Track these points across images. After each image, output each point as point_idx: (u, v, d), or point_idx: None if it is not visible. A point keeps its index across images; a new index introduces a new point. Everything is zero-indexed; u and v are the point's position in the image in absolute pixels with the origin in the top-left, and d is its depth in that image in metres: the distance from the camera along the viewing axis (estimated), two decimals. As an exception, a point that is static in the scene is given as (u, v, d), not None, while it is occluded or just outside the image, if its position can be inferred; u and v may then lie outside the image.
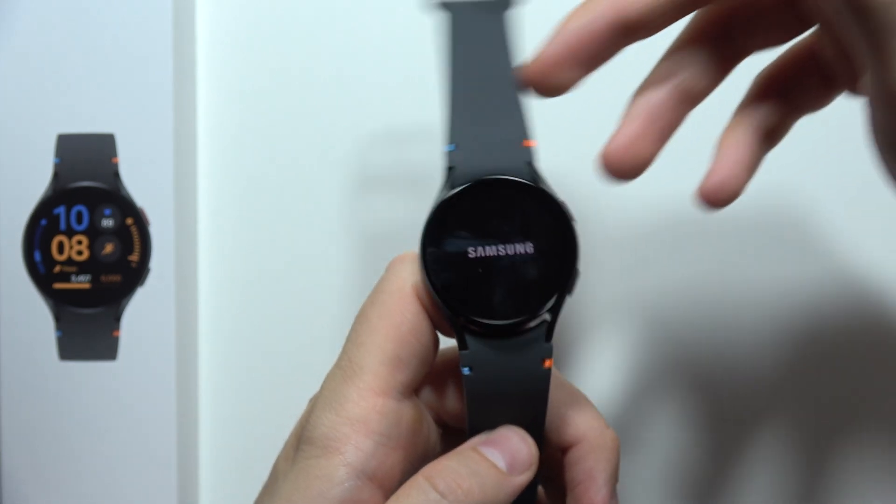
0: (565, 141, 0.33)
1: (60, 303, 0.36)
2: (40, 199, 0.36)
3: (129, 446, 0.36)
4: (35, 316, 0.36)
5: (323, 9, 0.37)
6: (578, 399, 0.25)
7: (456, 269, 0.23)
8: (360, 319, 0.23)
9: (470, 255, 0.23)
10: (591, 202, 0.36)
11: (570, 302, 0.24)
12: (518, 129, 0.24)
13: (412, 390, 0.23)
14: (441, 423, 0.25)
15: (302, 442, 0.22)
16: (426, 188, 0.37)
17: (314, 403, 0.23)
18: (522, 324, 0.23)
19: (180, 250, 0.36)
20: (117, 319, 0.36)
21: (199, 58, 0.38)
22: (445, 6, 0.26)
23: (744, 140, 0.25)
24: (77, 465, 0.36)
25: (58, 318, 0.36)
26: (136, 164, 0.35)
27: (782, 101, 0.26)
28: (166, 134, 0.35)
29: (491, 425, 0.24)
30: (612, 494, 0.24)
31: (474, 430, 0.24)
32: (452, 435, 0.25)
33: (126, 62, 0.35)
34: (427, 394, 0.25)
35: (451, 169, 0.24)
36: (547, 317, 0.24)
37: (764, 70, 0.26)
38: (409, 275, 0.23)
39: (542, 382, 0.24)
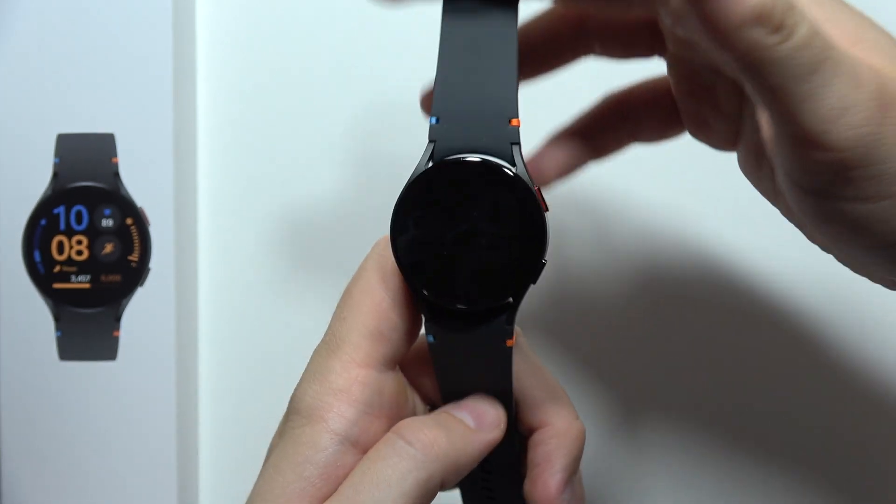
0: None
1: (60, 303, 0.36)
2: (40, 198, 0.36)
3: (129, 446, 0.35)
4: (35, 316, 0.36)
5: (323, 9, 0.37)
6: (553, 387, 0.26)
7: (422, 248, 0.23)
8: (345, 297, 0.25)
9: (436, 237, 0.23)
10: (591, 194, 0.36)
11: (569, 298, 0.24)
12: (506, 106, 0.23)
13: (394, 363, 0.24)
14: (429, 402, 0.26)
15: (288, 413, 0.24)
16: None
17: (300, 379, 0.24)
18: (485, 309, 0.23)
19: (180, 250, 0.36)
20: (117, 319, 0.36)
21: (199, 58, 0.38)
22: None
23: (570, 148, 0.28)
24: (77, 465, 0.36)
25: (57, 318, 0.36)
26: (135, 164, 0.35)
27: (621, 124, 0.28)
28: (166, 134, 0.35)
29: (459, 394, 0.25)
30: (567, 482, 0.25)
31: (446, 399, 0.25)
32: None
33: (126, 62, 0.35)
34: (413, 371, 0.26)
35: (432, 142, 0.23)
36: (510, 300, 0.23)
37: (616, 91, 0.28)
38: (391, 253, 0.24)
39: (504, 360, 0.24)
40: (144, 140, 0.35)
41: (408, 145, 0.37)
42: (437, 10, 0.24)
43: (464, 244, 0.23)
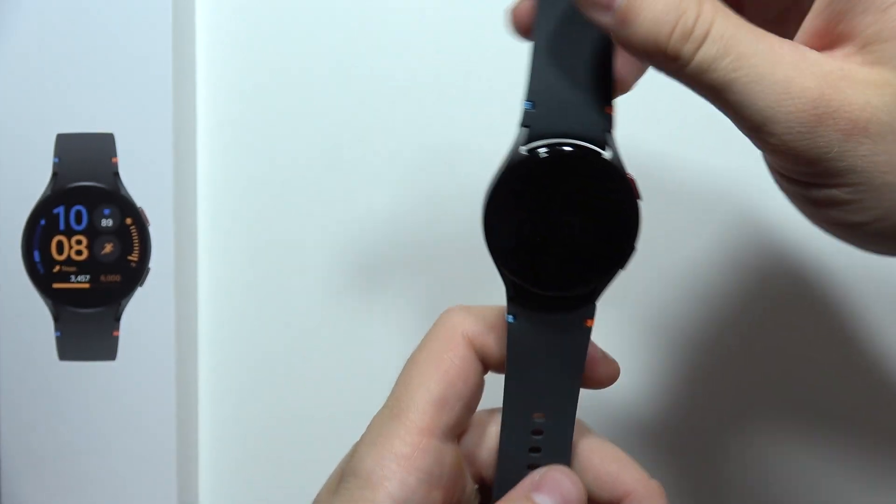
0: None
1: (60, 303, 0.36)
2: (40, 198, 0.36)
3: (129, 446, 0.35)
4: (35, 316, 0.36)
5: (323, 9, 0.37)
6: (619, 455, 0.26)
7: (514, 233, 0.23)
8: (410, 363, 0.24)
9: (530, 222, 0.23)
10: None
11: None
12: (602, 93, 0.23)
13: (456, 433, 0.24)
14: (477, 479, 0.26)
15: (346, 475, 0.23)
16: (426, 188, 0.37)
17: (359, 441, 0.24)
18: (573, 295, 0.24)
19: (180, 250, 0.36)
20: (117, 319, 0.36)
21: (199, 58, 0.38)
22: None
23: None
24: (77, 465, 0.36)
25: (57, 318, 0.36)
26: (135, 164, 0.35)
27: None
28: (166, 134, 0.35)
29: (528, 378, 0.25)
30: None
31: (510, 379, 0.25)
32: (487, 494, 0.26)
33: (126, 62, 0.35)
34: (466, 444, 0.26)
35: (526, 127, 0.23)
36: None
37: None
38: (459, 322, 0.24)
39: (582, 339, 0.24)
40: (144, 140, 0.35)
41: (408, 145, 0.37)
42: (439, 9, 0.24)
43: (557, 231, 0.23)
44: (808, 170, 0.20)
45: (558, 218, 0.23)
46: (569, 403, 0.25)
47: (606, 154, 0.23)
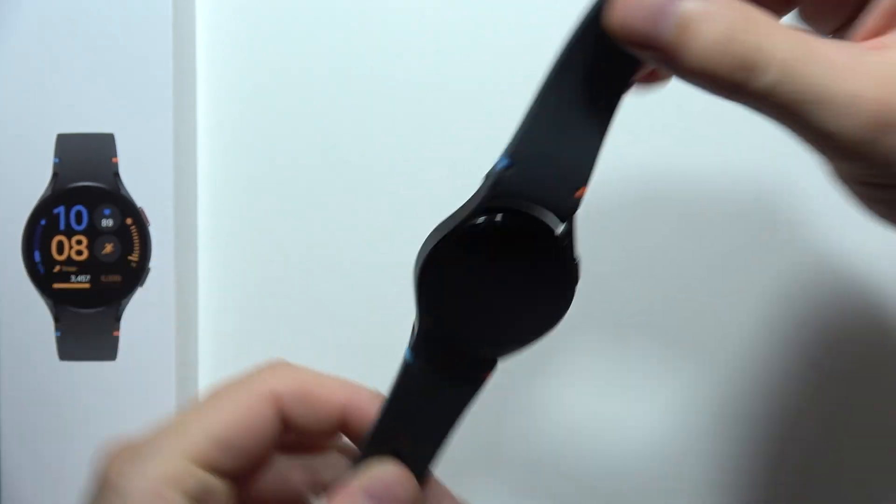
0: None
1: (60, 303, 0.36)
2: (40, 198, 0.36)
3: (129, 446, 0.35)
4: (35, 316, 0.36)
5: (323, 9, 0.37)
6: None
7: (450, 287, 0.23)
8: (217, 394, 0.24)
9: (468, 281, 0.23)
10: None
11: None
12: (581, 173, 0.22)
13: (230, 476, 0.24)
14: None
15: (105, 490, 0.23)
16: (427, 188, 0.37)
17: (122, 449, 0.23)
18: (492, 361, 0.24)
19: (180, 250, 0.36)
20: (117, 319, 0.36)
21: (199, 58, 0.38)
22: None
23: None
24: (77, 465, 0.36)
25: (57, 318, 0.36)
26: (135, 164, 0.35)
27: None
28: (166, 134, 0.35)
29: (404, 418, 0.25)
30: None
31: (387, 414, 0.25)
32: None
33: (126, 62, 0.35)
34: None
35: (493, 185, 0.22)
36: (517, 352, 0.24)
37: None
38: (274, 383, 0.24)
39: (473, 390, 0.24)
40: (144, 140, 0.35)
41: (408, 145, 0.37)
42: (439, 9, 0.24)
43: (491, 295, 0.23)
44: (879, 171, 0.20)
45: (496, 283, 0.23)
46: (438, 442, 0.25)
47: (559, 234, 0.22)
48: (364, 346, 0.38)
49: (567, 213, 0.22)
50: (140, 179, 0.35)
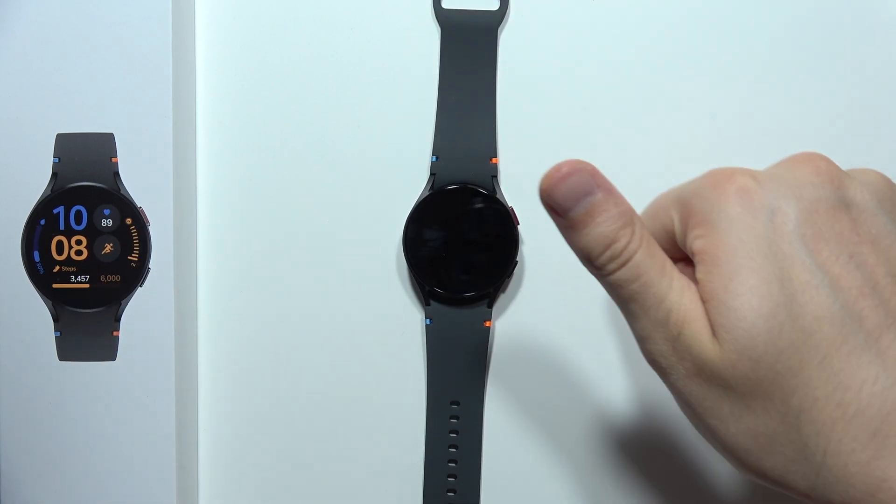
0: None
1: (59, 303, 0.36)
2: (39, 198, 0.36)
3: (129, 446, 0.35)
4: (34, 316, 0.36)
5: (322, 8, 0.37)
6: None
7: (426, 250, 0.34)
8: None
9: (437, 242, 0.34)
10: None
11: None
12: (488, 147, 0.34)
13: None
14: None
15: None
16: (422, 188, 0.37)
17: None
18: (472, 296, 0.34)
19: (180, 250, 0.36)
20: (117, 319, 0.36)
21: (199, 58, 0.38)
22: (441, 24, 0.34)
23: None
24: (77, 465, 0.36)
25: (57, 319, 0.36)
26: (135, 164, 0.35)
27: None
28: (166, 134, 0.35)
29: (445, 370, 0.35)
30: None
31: (432, 372, 0.35)
32: None
33: (126, 62, 0.35)
34: None
35: (433, 175, 0.35)
36: (490, 290, 0.35)
37: None
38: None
39: (483, 337, 0.35)
40: (144, 140, 0.35)
41: (408, 145, 0.37)
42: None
43: (458, 249, 0.34)
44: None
45: (457, 240, 0.34)
46: (478, 388, 0.35)
47: (491, 192, 0.34)
48: (367, 344, 0.38)
49: (490, 177, 0.35)
50: (140, 179, 0.35)
